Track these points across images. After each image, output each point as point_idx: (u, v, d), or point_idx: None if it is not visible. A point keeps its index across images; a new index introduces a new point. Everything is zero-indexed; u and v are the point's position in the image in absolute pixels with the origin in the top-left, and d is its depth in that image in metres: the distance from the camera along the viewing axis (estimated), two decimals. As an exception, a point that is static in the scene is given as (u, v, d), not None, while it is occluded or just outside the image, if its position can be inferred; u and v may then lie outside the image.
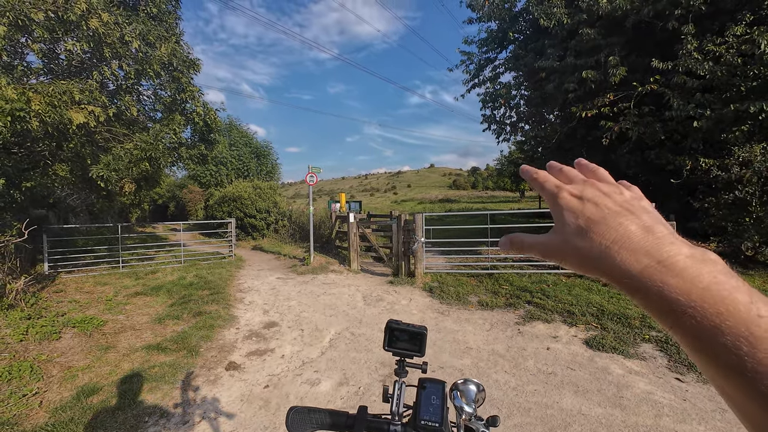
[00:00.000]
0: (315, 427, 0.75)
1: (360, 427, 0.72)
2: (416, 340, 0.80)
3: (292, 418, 0.75)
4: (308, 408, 0.77)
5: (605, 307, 4.50)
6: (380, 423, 0.74)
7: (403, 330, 0.80)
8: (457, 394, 0.78)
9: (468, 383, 0.80)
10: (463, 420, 0.72)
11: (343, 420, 0.75)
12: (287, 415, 0.76)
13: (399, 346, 0.81)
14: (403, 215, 6.98)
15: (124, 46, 5.05)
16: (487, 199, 51.66)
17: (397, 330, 0.80)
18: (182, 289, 6.20)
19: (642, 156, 7.74)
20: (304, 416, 0.75)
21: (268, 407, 2.76)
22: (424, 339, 0.80)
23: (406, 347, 0.80)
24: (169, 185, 25.46)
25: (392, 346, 0.81)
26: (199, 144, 7.78)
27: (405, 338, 0.80)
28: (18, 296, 4.69)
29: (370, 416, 0.75)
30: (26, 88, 4.30)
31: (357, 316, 4.78)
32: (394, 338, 0.81)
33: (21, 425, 2.55)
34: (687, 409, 2.54)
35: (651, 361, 3.26)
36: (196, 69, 6.52)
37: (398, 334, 0.81)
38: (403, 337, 0.80)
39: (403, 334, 0.80)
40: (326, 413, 0.76)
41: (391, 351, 0.81)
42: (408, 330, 0.80)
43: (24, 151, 5.66)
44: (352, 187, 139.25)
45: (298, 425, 0.75)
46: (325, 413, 0.76)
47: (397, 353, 0.81)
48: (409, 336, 0.80)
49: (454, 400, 0.77)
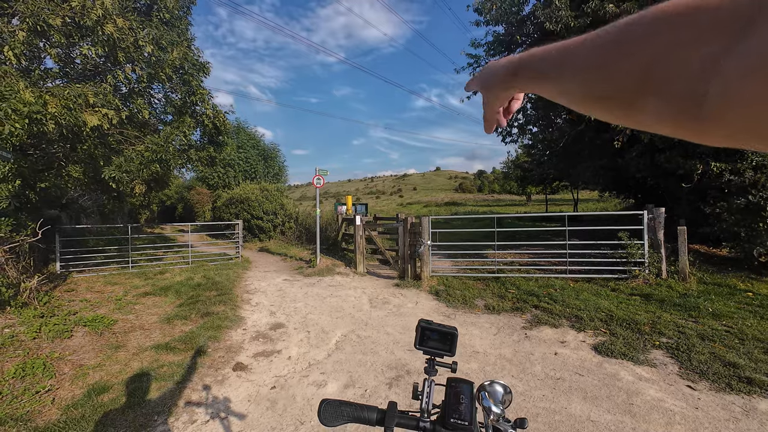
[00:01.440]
0: (346, 420, 0.76)
1: (390, 422, 0.73)
2: (447, 339, 0.81)
3: (324, 409, 0.76)
4: (340, 401, 0.78)
5: (614, 313, 4.45)
6: (410, 419, 0.75)
7: (434, 330, 0.81)
8: (484, 395, 0.78)
9: (494, 384, 0.80)
10: (491, 420, 0.72)
11: (374, 415, 0.76)
12: (319, 407, 0.77)
13: (430, 345, 0.82)
14: (410, 218, 6.99)
15: (138, 50, 5.16)
16: (493, 203, 51.40)
17: (428, 329, 0.81)
18: (190, 290, 6.26)
19: (652, 159, 7.64)
20: (336, 409, 0.76)
21: (275, 408, 2.78)
22: (455, 339, 0.81)
23: (437, 347, 0.82)
24: (177, 187, 25.80)
25: (423, 345, 0.82)
26: (208, 146, 7.89)
27: (436, 338, 0.81)
28: (31, 295, 4.79)
29: (399, 412, 0.76)
30: (43, 91, 4.41)
31: (363, 319, 4.78)
32: (425, 337, 0.82)
33: (34, 422, 2.60)
34: (699, 418, 2.49)
35: (661, 367, 3.21)
36: (206, 72, 6.62)
37: (429, 334, 0.81)
38: (434, 336, 0.81)
39: (434, 334, 0.81)
40: (357, 407, 0.77)
41: (422, 350, 0.82)
42: (439, 330, 0.81)
43: (39, 153, 5.79)
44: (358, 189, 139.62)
45: (330, 417, 0.76)
46: (355, 407, 0.77)
47: (428, 352, 0.82)
48: (440, 336, 0.81)
49: (482, 401, 0.77)
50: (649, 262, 5.78)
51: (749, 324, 3.96)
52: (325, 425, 0.76)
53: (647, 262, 5.78)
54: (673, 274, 5.74)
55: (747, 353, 3.31)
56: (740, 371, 2.99)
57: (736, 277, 5.73)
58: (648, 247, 5.87)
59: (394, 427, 0.74)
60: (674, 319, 4.23)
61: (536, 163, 19.53)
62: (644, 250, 5.86)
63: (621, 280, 5.83)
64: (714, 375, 3.00)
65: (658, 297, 4.98)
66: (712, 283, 5.57)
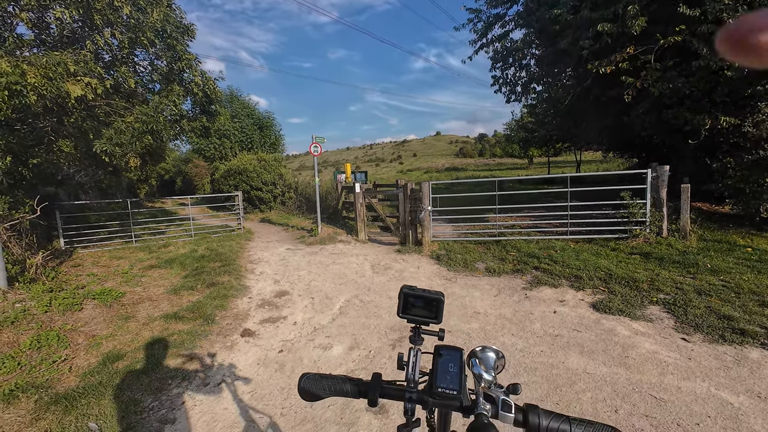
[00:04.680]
0: (328, 393, 0.74)
1: (374, 394, 0.70)
2: (432, 306, 0.76)
3: (304, 383, 0.74)
4: (320, 374, 0.75)
5: (613, 272, 4.50)
6: (395, 390, 0.72)
7: (418, 296, 0.76)
8: (475, 362, 0.75)
9: (486, 350, 0.77)
10: (482, 387, 0.69)
11: (357, 387, 0.74)
12: (299, 381, 0.74)
13: (414, 313, 0.76)
14: (410, 184, 6.91)
15: (115, 12, 4.83)
16: (494, 167, 50.79)
17: (411, 296, 0.76)
18: (194, 262, 6.35)
19: (659, 116, 7.39)
20: (317, 382, 0.74)
21: (283, 370, 2.89)
22: (441, 305, 0.76)
23: (422, 314, 0.76)
24: (174, 160, 25.45)
25: (407, 313, 0.76)
26: (201, 116, 7.64)
27: (420, 304, 0.76)
28: (38, 270, 4.86)
29: (384, 383, 0.73)
30: (20, 60, 4.18)
31: (366, 284, 4.87)
32: (408, 304, 0.76)
33: (54, 388, 2.72)
34: (692, 367, 2.59)
35: (658, 322, 3.29)
36: (191, 35, 6.26)
37: (413, 301, 0.76)
38: (418, 303, 0.76)
39: (419, 300, 0.76)
40: (339, 379, 0.74)
41: (405, 318, 0.76)
42: (423, 296, 0.76)
43: (27, 128, 5.62)
44: (357, 157, 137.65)
45: (310, 391, 0.74)
46: (337, 379, 0.74)
47: (412, 320, 0.77)
48: (425, 302, 0.76)
49: (473, 368, 0.74)
50: (650, 221, 5.76)
51: (746, 278, 4.01)
52: (305, 399, 0.73)
53: (648, 221, 5.77)
54: (673, 233, 5.75)
55: (742, 306, 3.38)
56: (734, 323, 3.07)
57: (736, 234, 5.74)
58: (650, 206, 5.83)
59: (380, 398, 0.71)
60: (673, 276, 4.29)
61: (540, 123, 19.02)
62: (646, 210, 5.83)
63: (621, 239, 5.85)
64: (708, 327, 3.07)
65: (658, 255, 5.02)
66: (713, 240, 5.59)
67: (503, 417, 0.64)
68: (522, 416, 0.64)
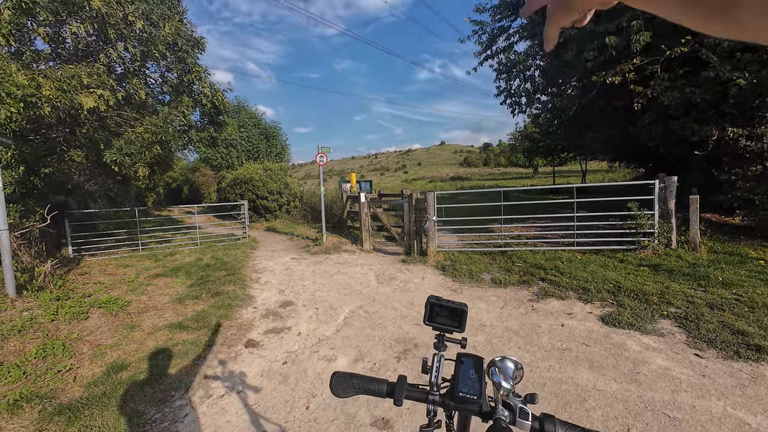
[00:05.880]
0: (357, 391, 0.78)
1: (400, 395, 0.74)
2: (456, 315, 0.81)
3: (335, 381, 0.78)
4: (351, 374, 0.79)
5: (622, 284, 4.43)
6: (420, 393, 0.76)
7: (443, 306, 0.82)
8: (495, 371, 0.79)
9: (505, 360, 0.80)
10: (501, 395, 0.72)
11: (384, 387, 0.78)
12: (331, 379, 0.78)
13: (439, 321, 0.82)
14: (415, 194, 6.91)
15: (128, 26, 4.97)
16: (499, 176, 50.74)
17: (437, 305, 0.82)
18: (200, 270, 6.37)
19: (665, 127, 7.36)
20: (347, 381, 0.78)
21: (287, 382, 2.86)
22: (465, 315, 0.81)
23: (447, 323, 0.82)
24: (181, 169, 25.80)
25: (432, 321, 0.82)
26: (209, 126, 7.77)
27: (445, 314, 0.82)
28: (46, 279, 4.91)
29: (409, 386, 0.77)
30: (36, 73, 4.30)
31: (370, 295, 4.84)
32: (434, 313, 0.82)
33: (58, 399, 2.71)
34: (706, 385, 2.51)
35: (669, 337, 3.22)
36: (201, 48, 6.41)
37: (438, 310, 0.82)
38: (443, 312, 0.82)
39: (443, 310, 0.82)
40: (368, 379, 0.79)
41: (431, 325, 0.82)
42: (448, 306, 0.81)
43: (40, 138, 5.75)
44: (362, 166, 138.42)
45: (341, 388, 0.77)
46: (366, 379, 0.79)
47: (437, 328, 0.83)
48: (449, 312, 0.82)
49: (492, 376, 0.78)
50: (658, 232, 5.69)
51: (760, 292, 3.91)
52: (336, 396, 0.78)
53: (657, 233, 5.69)
54: (683, 244, 5.66)
55: (757, 321, 3.29)
56: (749, 339, 2.99)
57: (748, 246, 5.63)
58: (658, 217, 5.76)
59: (404, 399, 0.75)
60: (683, 289, 4.20)
61: (545, 133, 19.03)
62: (654, 221, 5.76)
63: (629, 251, 5.77)
64: (722, 343, 2.99)
65: (667, 267, 4.94)
66: (723, 252, 5.48)
67: (520, 424, 0.66)
68: (539, 425, 0.67)
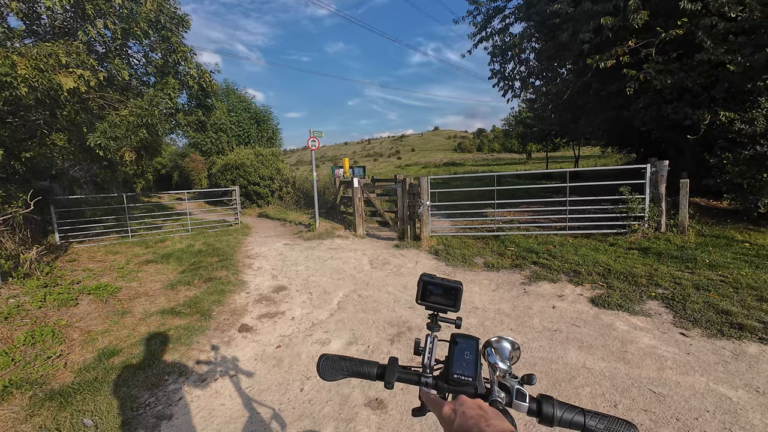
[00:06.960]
0: (346, 374, 0.75)
1: (391, 377, 0.72)
2: (451, 294, 0.77)
3: (323, 364, 0.75)
4: (339, 356, 0.76)
5: (612, 267, 4.50)
6: (411, 374, 0.73)
7: (437, 284, 0.77)
8: (491, 351, 0.76)
9: (502, 341, 0.77)
10: (497, 377, 0.70)
11: (375, 369, 0.75)
12: (318, 362, 0.75)
13: (433, 300, 0.78)
14: (408, 179, 6.87)
15: (107, 2, 4.71)
16: (493, 162, 50.74)
17: (430, 284, 0.77)
18: (191, 257, 6.31)
19: (659, 111, 7.36)
20: (335, 363, 0.75)
21: (281, 365, 2.87)
22: (460, 294, 0.77)
23: (440, 301, 0.78)
24: (171, 154, 25.25)
25: (425, 300, 0.78)
26: (197, 110, 7.53)
27: (439, 292, 0.78)
28: (33, 266, 4.81)
29: (400, 367, 0.74)
30: (10, 51, 4.08)
31: (364, 279, 4.85)
32: (427, 292, 0.78)
33: (49, 384, 2.69)
34: (690, 362, 2.59)
35: (656, 317, 3.29)
36: (186, 26, 6.14)
37: (432, 288, 0.78)
38: (437, 291, 0.78)
39: (437, 288, 0.78)
40: (357, 362, 0.76)
41: (424, 305, 0.79)
42: (442, 284, 0.77)
43: (19, 121, 5.52)
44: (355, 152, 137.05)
45: (329, 371, 0.75)
46: (356, 362, 0.76)
47: (430, 307, 0.79)
48: (444, 290, 0.77)
49: (488, 357, 0.75)
50: (649, 216, 5.76)
51: (744, 273, 4.01)
52: (324, 379, 0.75)
53: (647, 216, 5.77)
54: (672, 228, 5.75)
55: (740, 301, 3.38)
56: (733, 318, 3.07)
57: (734, 229, 5.75)
58: (649, 201, 5.82)
59: (395, 381, 0.72)
60: (671, 271, 4.29)
61: (539, 118, 18.95)
62: (645, 205, 5.82)
63: (620, 234, 5.85)
64: (707, 322, 3.08)
65: (656, 250, 5.02)
66: (711, 235, 5.59)
67: (517, 406, 0.64)
68: (536, 406, 0.64)
